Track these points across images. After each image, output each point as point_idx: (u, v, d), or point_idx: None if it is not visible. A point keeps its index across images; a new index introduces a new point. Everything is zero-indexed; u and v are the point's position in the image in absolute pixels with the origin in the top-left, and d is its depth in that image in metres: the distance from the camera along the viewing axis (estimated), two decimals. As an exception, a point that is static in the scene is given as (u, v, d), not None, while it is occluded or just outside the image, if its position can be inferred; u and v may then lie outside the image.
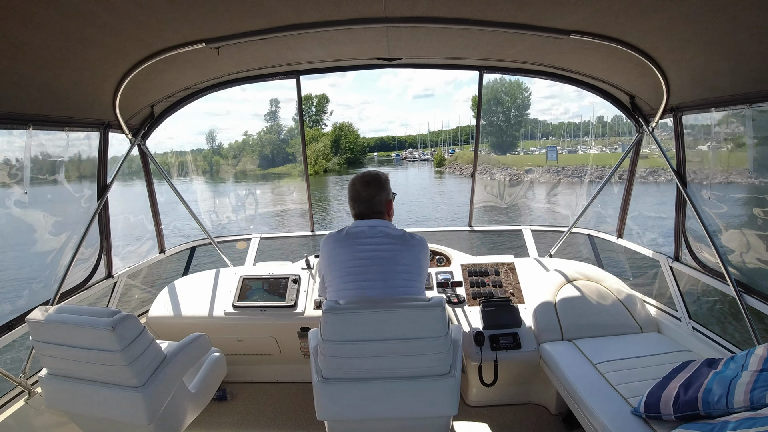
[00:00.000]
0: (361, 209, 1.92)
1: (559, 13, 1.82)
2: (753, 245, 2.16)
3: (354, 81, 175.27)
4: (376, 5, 1.80)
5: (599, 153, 42.84)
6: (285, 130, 52.34)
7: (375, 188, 1.91)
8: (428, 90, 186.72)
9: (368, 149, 78.63)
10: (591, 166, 31.14)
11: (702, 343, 2.32)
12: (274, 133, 52.01)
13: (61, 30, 1.59)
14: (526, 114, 53.66)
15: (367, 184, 1.92)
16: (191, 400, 2.10)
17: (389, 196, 1.96)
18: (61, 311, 1.78)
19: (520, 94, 52.02)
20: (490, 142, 51.73)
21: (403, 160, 73.11)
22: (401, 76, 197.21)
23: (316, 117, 61.36)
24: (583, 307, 2.60)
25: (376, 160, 76.94)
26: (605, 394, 1.96)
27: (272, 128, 52.71)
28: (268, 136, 51.34)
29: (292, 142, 48.96)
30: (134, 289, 3.36)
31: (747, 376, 1.54)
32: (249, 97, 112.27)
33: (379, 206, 1.92)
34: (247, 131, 67.87)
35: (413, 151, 79.04)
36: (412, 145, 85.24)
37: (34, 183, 2.24)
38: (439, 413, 1.73)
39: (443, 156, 57.96)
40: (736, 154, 2.52)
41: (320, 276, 1.97)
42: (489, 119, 51.25)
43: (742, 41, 1.65)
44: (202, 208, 6.86)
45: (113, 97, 2.31)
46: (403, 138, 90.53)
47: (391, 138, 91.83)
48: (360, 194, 1.91)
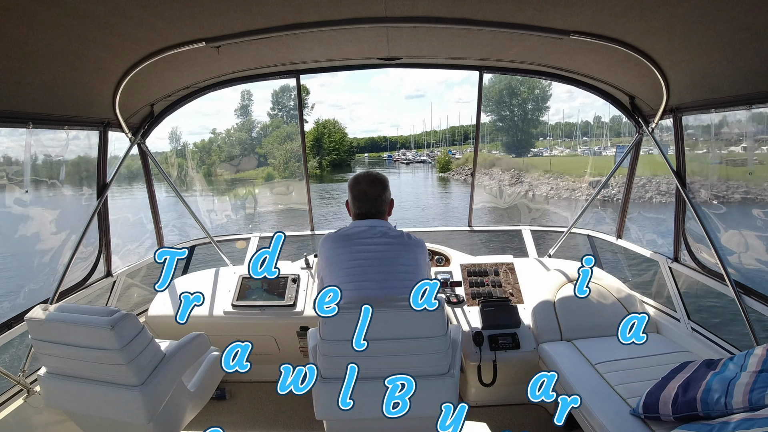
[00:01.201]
0: (366, 208, 1.93)
1: (559, 14, 1.82)
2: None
3: (345, 80, 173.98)
4: (376, 5, 1.80)
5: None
6: (258, 127, 43.53)
7: (380, 187, 1.94)
8: (420, 90, 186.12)
9: (357, 150, 72.71)
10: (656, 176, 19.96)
11: (701, 343, 2.32)
12: (246, 130, 43.24)
13: (61, 29, 1.59)
14: (546, 107, 43.91)
15: (373, 182, 1.93)
16: (190, 399, 2.10)
17: (390, 196, 1.99)
18: (60, 310, 1.78)
19: (538, 84, 41.09)
20: (502, 141, 42.57)
21: (396, 162, 65.35)
22: (393, 76, 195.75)
23: (294, 112, 48.44)
24: (582, 307, 2.60)
25: (367, 161, 71.24)
26: (604, 395, 1.96)
27: (244, 125, 43.62)
28: (239, 134, 42.57)
29: (265, 142, 41.17)
30: (133, 288, 3.36)
31: (746, 376, 1.54)
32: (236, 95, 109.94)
33: (383, 206, 1.94)
34: (215, 129, 55.38)
35: (407, 152, 71.31)
36: (405, 145, 79.77)
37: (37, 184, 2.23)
38: (438, 413, 1.73)
39: (448, 158, 47.92)
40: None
41: (318, 277, 1.97)
42: (501, 114, 42.76)
43: (742, 42, 1.65)
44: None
45: (113, 96, 2.31)
46: (395, 138, 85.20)
47: (383, 138, 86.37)
48: (367, 193, 1.92)
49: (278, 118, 45.13)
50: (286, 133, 41.77)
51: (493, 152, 41.14)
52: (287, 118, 45.37)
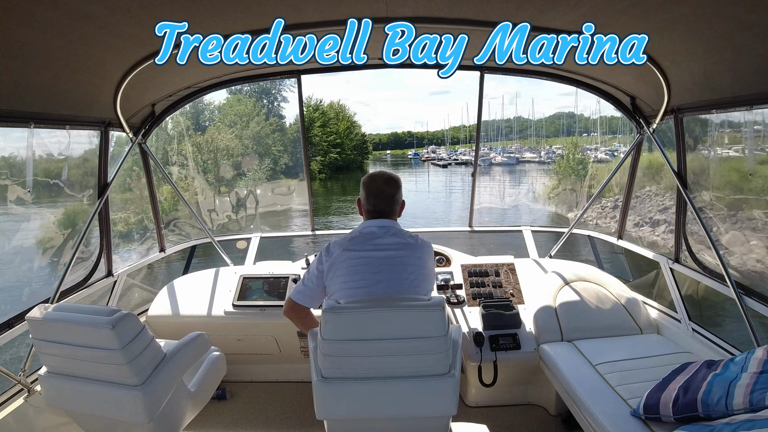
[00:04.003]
0: (381, 206, 1.93)
1: (559, 14, 1.82)
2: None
3: (371, 77, 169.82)
4: (376, 5, 1.81)
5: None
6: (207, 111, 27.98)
7: (395, 187, 1.95)
8: (445, 87, 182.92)
9: (380, 146, 60.11)
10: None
11: (702, 344, 2.32)
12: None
13: (61, 29, 1.59)
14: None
15: (388, 181, 1.94)
16: (191, 399, 2.10)
17: (402, 198, 2.00)
18: (61, 309, 1.79)
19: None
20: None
21: (424, 162, 49.31)
22: (417, 73, 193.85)
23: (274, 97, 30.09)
24: (583, 308, 2.59)
25: (389, 159, 57.50)
26: (605, 396, 1.96)
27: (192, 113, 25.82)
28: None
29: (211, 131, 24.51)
30: (134, 287, 3.36)
31: (746, 377, 1.54)
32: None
33: (395, 205, 1.95)
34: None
35: (437, 149, 54.22)
36: (432, 141, 65.17)
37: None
38: (438, 413, 1.73)
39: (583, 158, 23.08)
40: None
41: (314, 272, 1.92)
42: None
43: (743, 42, 1.65)
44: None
45: (114, 96, 2.31)
46: (421, 134, 70.27)
47: (407, 134, 71.35)
48: (383, 191, 1.93)
49: (240, 93, 29.37)
50: (238, 112, 26.08)
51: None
52: (270, 110, 28.74)
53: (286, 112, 32.18)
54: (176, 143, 20.22)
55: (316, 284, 1.91)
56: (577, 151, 25.29)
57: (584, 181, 20.20)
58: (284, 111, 32.05)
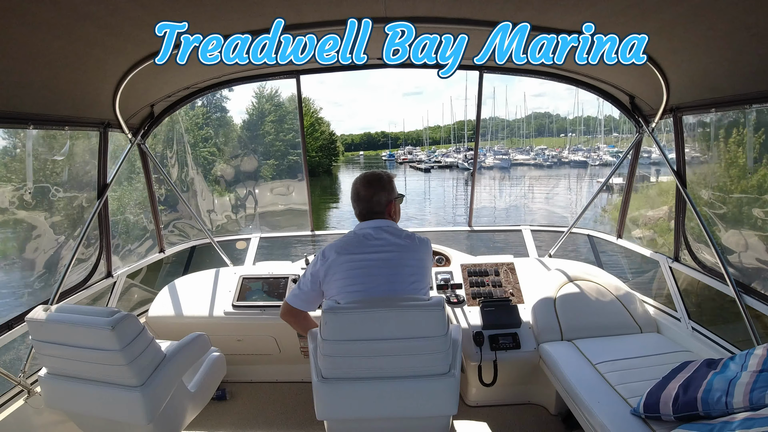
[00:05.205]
0: (360, 209, 1.94)
1: (559, 14, 1.82)
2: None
3: (343, 78, 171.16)
4: (376, 5, 1.81)
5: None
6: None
7: (375, 187, 1.92)
8: (419, 87, 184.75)
9: (352, 147, 58.07)
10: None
11: (701, 343, 2.32)
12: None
13: (61, 30, 1.59)
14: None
15: (368, 183, 1.93)
16: (191, 400, 2.10)
17: (391, 197, 1.95)
18: (61, 310, 1.78)
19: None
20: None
21: (401, 164, 45.69)
22: (390, 74, 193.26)
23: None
24: (583, 307, 2.60)
25: (362, 161, 55.24)
26: (605, 395, 1.96)
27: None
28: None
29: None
30: (134, 288, 3.36)
31: (746, 376, 1.54)
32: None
33: (378, 206, 1.91)
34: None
35: (414, 150, 51.80)
36: (408, 142, 63.37)
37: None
38: (438, 413, 1.73)
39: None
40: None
41: (308, 283, 1.91)
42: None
43: (742, 42, 1.65)
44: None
45: (113, 97, 2.31)
46: (395, 134, 67.96)
47: (381, 134, 67.80)
48: (359, 193, 1.92)
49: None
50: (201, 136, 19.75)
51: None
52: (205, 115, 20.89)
53: (230, 104, 25.61)
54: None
55: (311, 288, 1.90)
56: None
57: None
58: (227, 103, 24.68)
